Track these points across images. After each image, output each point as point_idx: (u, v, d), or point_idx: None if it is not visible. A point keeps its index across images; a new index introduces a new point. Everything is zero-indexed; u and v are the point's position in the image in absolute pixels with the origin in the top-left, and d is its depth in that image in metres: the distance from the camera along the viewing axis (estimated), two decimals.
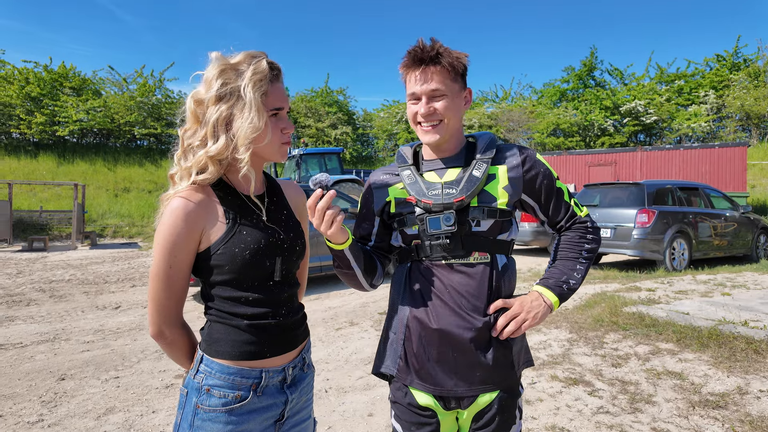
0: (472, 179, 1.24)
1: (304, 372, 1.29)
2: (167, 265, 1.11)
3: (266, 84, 1.12)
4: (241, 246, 1.13)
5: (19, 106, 22.57)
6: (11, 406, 3.10)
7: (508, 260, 1.30)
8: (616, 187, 8.74)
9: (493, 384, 1.25)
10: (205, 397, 1.13)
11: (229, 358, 1.14)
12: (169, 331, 1.16)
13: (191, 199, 1.12)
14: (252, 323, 1.16)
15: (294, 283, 1.28)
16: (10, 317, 5.62)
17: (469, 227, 1.24)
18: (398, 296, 1.33)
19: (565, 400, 3.11)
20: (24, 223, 15.58)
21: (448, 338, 1.23)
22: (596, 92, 27.38)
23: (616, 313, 4.90)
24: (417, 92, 1.24)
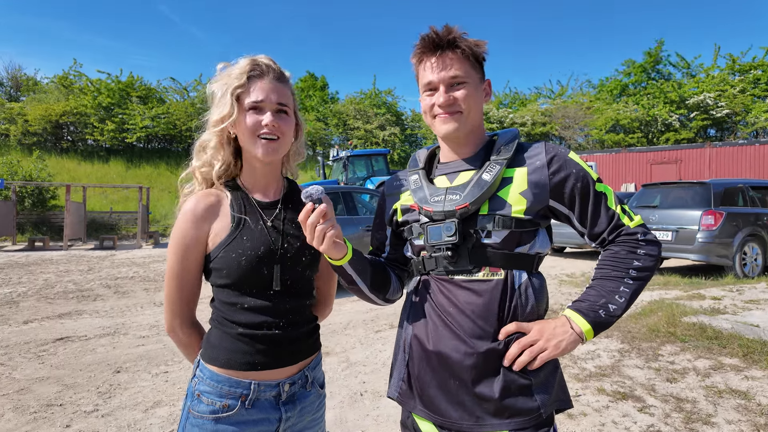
0: (480, 183, 1.08)
1: (307, 390, 1.23)
2: (179, 266, 1.16)
3: (240, 78, 1.14)
4: (238, 251, 1.13)
5: (93, 115, 24.46)
6: (71, 396, 3.34)
7: (532, 277, 1.11)
8: (678, 187, 8.18)
9: (503, 421, 1.05)
10: (195, 402, 1.14)
11: (219, 365, 1.14)
12: (181, 329, 1.21)
13: (200, 202, 1.16)
14: (245, 332, 1.14)
15: (301, 295, 1.22)
16: (79, 311, 6.07)
17: (477, 238, 1.08)
18: (404, 313, 1.23)
19: (611, 416, 2.92)
20: (96, 223, 16.86)
21: (447, 363, 1.09)
22: (660, 85, 25.74)
23: (675, 323, 4.57)
24: (434, 81, 1.10)
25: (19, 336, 4.88)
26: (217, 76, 1.20)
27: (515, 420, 1.05)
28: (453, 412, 1.08)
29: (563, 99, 29.31)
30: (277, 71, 1.18)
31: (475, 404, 1.07)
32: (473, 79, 1.12)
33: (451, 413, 1.09)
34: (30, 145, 23.36)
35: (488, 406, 1.06)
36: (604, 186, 1.11)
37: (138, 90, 26.44)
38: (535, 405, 1.05)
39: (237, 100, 1.15)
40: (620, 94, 28.10)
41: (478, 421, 1.06)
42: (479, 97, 1.14)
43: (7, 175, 15.62)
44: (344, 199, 7.57)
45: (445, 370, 1.10)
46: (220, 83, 1.18)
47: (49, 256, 11.89)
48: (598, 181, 1.11)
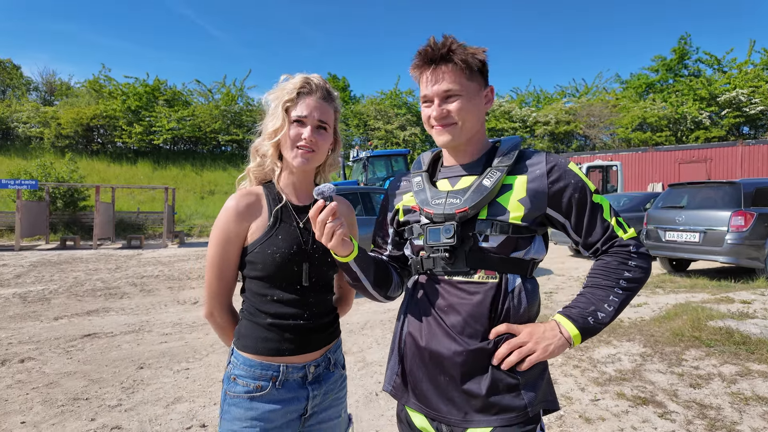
0: (481, 189, 1.12)
1: (330, 371, 1.35)
2: (219, 257, 1.28)
3: (291, 94, 1.27)
4: (273, 248, 1.25)
5: (122, 118, 25.22)
6: (96, 390, 3.46)
7: (525, 282, 1.14)
8: (707, 187, 7.92)
9: (490, 418, 1.08)
10: (232, 385, 1.26)
11: (251, 352, 1.26)
12: (218, 314, 1.34)
13: (242, 201, 1.29)
14: (274, 322, 1.26)
15: (325, 291, 1.34)
16: (106, 308, 6.27)
17: (474, 242, 1.12)
18: (401, 310, 1.27)
19: (630, 422, 2.86)
20: (124, 223, 17.37)
21: (438, 360, 1.13)
22: (689, 82, 24.98)
23: (700, 327, 4.44)
24: (429, 94, 1.14)
25: (50, 332, 5.07)
26: (275, 87, 1.33)
27: (501, 417, 1.08)
28: (443, 407, 1.13)
29: (588, 97, 28.72)
30: (325, 90, 1.31)
31: (463, 400, 1.11)
32: (468, 90, 1.14)
33: (440, 407, 1.13)
34: (62, 148, 24.24)
35: (476, 402, 1.09)
36: (601, 198, 1.15)
37: (164, 93, 27.14)
38: (522, 403, 1.08)
39: (286, 112, 1.28)
40: (646, 92, 27.38)
41: (466, 416, 1.10)
42: (476, 107, 1.16)
43: (41, 177, 16.23)
44: (362, 199, 7.60)
45: (436, 366, 1.14)
46: (275, 95, 1.31)
47: (80, 254, 12.31)
48: (595, 193, 1.14)
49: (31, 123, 25.43)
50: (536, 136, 27.34)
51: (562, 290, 6.89)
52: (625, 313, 5.39)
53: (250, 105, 28.18)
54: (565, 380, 3.52)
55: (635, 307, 5.68)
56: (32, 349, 4.44)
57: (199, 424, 2.90)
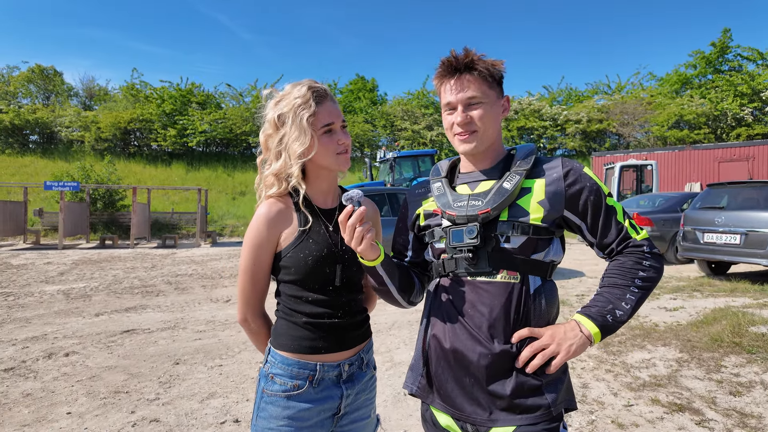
0: (501, 191, 1.16)
1: (362, 371, 1.38)
2: (252, 263, 1.31)
3: (310, 107, 1.27)
4: (305, 252, 1.28)
5: (157, 122, 26.08)
6: (136, 384, 3.60)
7: (545, 283, 1.18)
8: (748, 187, 7.60)
9: (514, 417, 1.11)
10: (269, 383, 1.30)
11: (289, 350, 1.30)
12: (252, 319, 1.37)
13: (273, 208, 1.31)
14: (309, 321, 1.29)
15: (356, 290, 1.37)
16: (143, 305, 6.51)
17: (497, 243, 1.15)
18: (424, 313, 1.30)
19: (666, 428, 2.79)
20: (159, 223, 17.96)
21: (462, 361, 1.16)
22: (729, 77, 23.97)
23: (741, 333, 4.27)
24: (452, 101, 1.19)
25: (92, 327, 5.31)
26: (281, 100, 1.30)
27: (526, 416, 1.11)
28: (467, 406, 1.16)
29: (622, 94, 27.93)
30: (329, 92, 1.33)
31: (488, 400, 1.14)
32: (490, 98, 1.19)
33: (465, 407, 1.16)
34: (101, 151, 25.25)
35: (501, 402, 1.13)
36: (614, 201, 1.19)
37: (197, 96, 27.92)
38: (545, 402, 1.11)
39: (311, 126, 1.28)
40: (683, 88, 26.42)
41: (491, 415, 1.13)
42: (496, 115, 1.22)
43: (81, 179, 16.97)
44: (389, 200, 7.63)
45: (461, 368, 1.17)
46: (286, 110, 1.28)
47: (118, 253, 12.81)
48: (608, 196, 1.19)
49: (73, 127, 26.61)
50: (567, 134, 26.78)
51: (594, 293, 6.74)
52: (661, 316, 5.24)
53: None
54: (597, 384, 3.45)
55: (671, 311, 5.51)
56: (76, 344, 4.66)
57: (232, 419, 2.99)
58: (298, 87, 1.29)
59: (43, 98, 30.98)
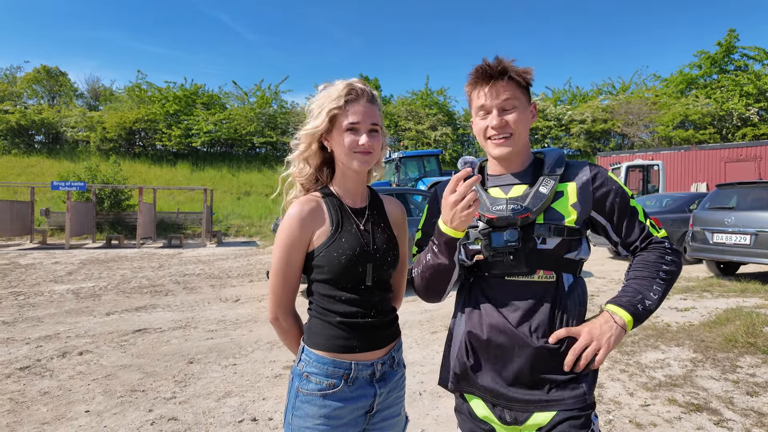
0: (539, 195, 1.21)
1: (393, 369, 1.39)
2: (284, 262, 1.32)
3: (339, 100, 1.29)
4: (339, 251, 1.28)
5: (162, 122, 26.17)
6: (151, 383, 3.62)
7: (576, 280, 1.24)
8: (758, 187, 7.56)
9: (554, 404, 1.18)
10: (304, 382, 1.29)
11: (324, 349, 1.30)
12: (284, 318, 1.37)
13: (305, 207, 1.32)
14: (343, 320, 1.30)
15: (386, 289, 1.39)
16: (153, 305, 6.53)
17: (534, 244, 1.20)
18: (459, 311, 1.33)
19: (684, 428, 2.79)
20: (165, 223, 18.01)
21: (503, 353, 1.21)
22: (735, 77, 23.88)
23: (755, 333, 4.26)
24: (487, 105, 1.22)
25: (103, 326, 5.33)
26: (316, 96, 1.35)
27: (564, 403, 1.17)
28: (508, 393, 1.21)
29: (626, 94, 27.85)
30: (369, 94, 1.33)
31: (527, 390, 1.20)
32: (522, 103, 1.23)
33: (506, 394, 1.21)
34: (107, 151, 25.36)
35: (540, 393, 1.19)
36: (635, 202, 1.27)
37: (202, 97, 27.99)
38: (581, 391, 1.18)
39: (332, 119, 1.31)
40: (688, 88, 26.33)
41: (529, 403, 1.19)
42: (527, 120, 1.26)
43: (88, 179, 17.04)
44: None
45: (499, 359, 1.22)
46: (318, 102, 1.33)
47: (124, 253, 12.85)
48: (632, 198, 1.27)
49: (78, 127, 26.72)
50: (572, 134, 26.72)
51: (603, 293, 6.73)
52: (673, 317, 5.22)
53: (284, 107, 28.73)
54: (612, 384, 3.45)
55: (683, 311, 5.49)
56: (89, 343, 4.68)
57: (250, 418, 3.00)
58: (340, 83, 1.32)
59: (49, 99, 31.12)
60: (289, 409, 1.32)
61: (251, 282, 8.46)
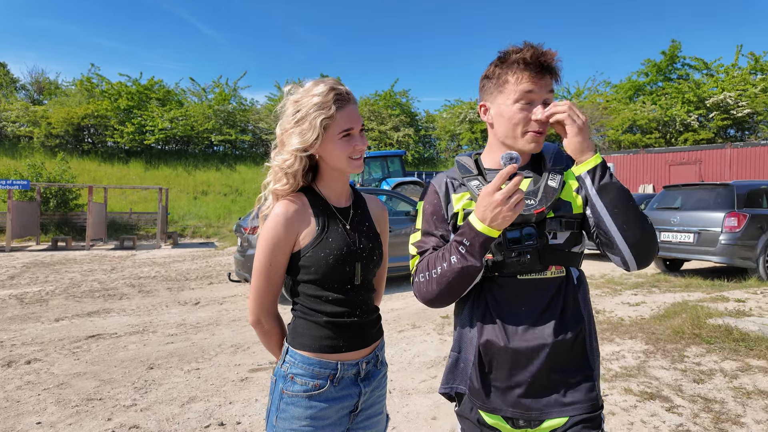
0: (549, 189, 1.17)
1: (377, 368, 1.39)
2: (268, 263, 1.29)
3: (329, 109, 1.24)
4: (326, 251, 1.27)
5: (113, 118, 24.96)
6: (109, 390, 3.46)
7: (580, 273, 1.23)
8: (701, 189, 8.09)
9: (568, 407, 1.15)
10: (289, 383, 1.28)
11: (310, 350, 1.28)
12: (266, 321, 1.34)
13: (290, 207, 1.29)
14: (330, 320, 1.29)
15: (371, 288, 1.39)
16: (107, 309, 6.24)
17: (546, 240, 1.15)
18: (468, 315, 1.23)
19: (639, 416, 2.95)
20: (116, 224, 17.20)
21: (521, 358, 1.15)
22: (677, 85, 25.38)
23: (699, 325, 4.55)
24: (536, 96, 1.15)
25: (53, 333, 5.04)
26: (294, 96, 1.29)
27: (576, 406, 1.15)
28: (523, 402, 1.16)
29: (580, 99, 29.02)
30: (351, 95, 1.30)
31: (544, 398, 1.16)
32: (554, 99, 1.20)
33: (518, 404, 1.17)
34: (53, 147, 23.92)
35: (557, 396, 1.15)
36: None
37: (157, 92, 26.91)
38: (594, 394, 1.16)
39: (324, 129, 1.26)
40: (636, 94, 27.74)
41: (546, 408, 1.15)
42: None
43: (32, 177, 16.02)
44: None
45: (519, 366, 1.16)
46: (303, 111, 1.25)
47: (73, 255, 12.18)
48: None
49: (20, 122, 25.05)
50: None
51: None
52: (626, 311, 5.50)
53: (243, 105, 28.10)
54: None
55: (634, 305, 5.79)
56: (37, 351, 4.42)
57: (217, 423, 2.92)
58: (320, 86, 1.26)
59: None
60: (272, 411, 1.29)
61: (211, 284, 8.23)
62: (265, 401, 3.22)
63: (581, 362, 1.17)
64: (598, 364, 1.21)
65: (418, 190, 14.84)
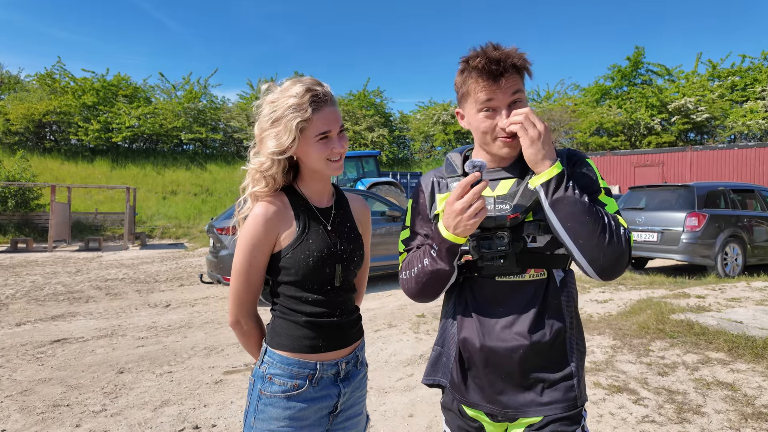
0: (527, 193, 1.13)
1: (357, 368, 1.39)
2: (247, 264, 1.27)
3: (305, 111, 1.21)
4: (306, 253, 1.26)
5: (77, 114, 24.06)
6: (77, 396, 3.35)
7: (567, 274, 1.19)
8: (663, 190, 8.42)
9: (544, 407, 1.15)
10: (267, 384, 1.26)
11: (289, 350, 1.28)
12: (245, 321, 1.33)
13: (270, 208, 1.28)
14: (310, 320, 1.28)
15: (351, 289, 1.38)
16: (72, 313, 6.02)
17: (524, 244, 1.14)
18: (450, 312, 1.26)
19: (608, 408, 3.05)
20: (81, 225, 16.59)
21: (497, 358, 1.16)
22: (641, 90, 26.33)
23: (663, 321, 4.74)
24: (495, 103, 1.12)
25: (14, 338, 4.84)
26: (270, 96, 1.27)
27: (553, 406, 1.15)
28: (500, 399, 1.17)
29: (550, 102, 29.72)
30: (330, 95, 1.27)
31: (521, 393, 1.16)
32: (524, 96, 1.15)
33: (496, 401, 1.18)
34: (12, 145, 22.89)
35: (533, 395, 1.16)
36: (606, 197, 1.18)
37: (125, 89, 26.09)
38: (573, 394, 1.16)
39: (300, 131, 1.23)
40: (603, 98, 28.61)
41: (522, 407, 1.16)
42: None
43: None
44: None
45: (495, 365, 1.17)
46: (278, 112, 1.23)
47: (34, 257, 11.70)
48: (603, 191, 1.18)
49: None
50: None
51: None
52: (594, 308, 5.68)
53: (214, 103, 27.55)
54: None
55: (602, 302, 5.99)
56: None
57: (191, 426, 2.87)
58: (296, 86, 1.23)
59: None
60: (250, 412, 1.28)
61: (182, 286, 8.05)
62: (240, 403, 3.18)
63: (561, 363, 1.16)
64: (581, 364, 1.19)
65: (394, 190, 14.89)
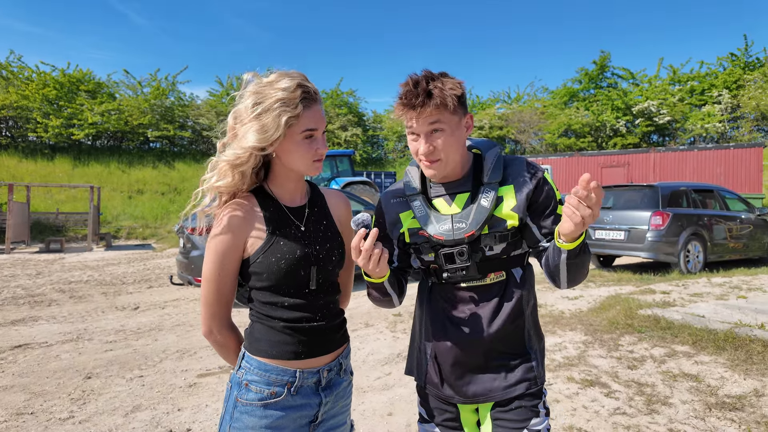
0: (481, 210, 1.24)
1: (340, 377, 1.32)
2: (217, 272, 1.21)
3: (295, 107, 1.16)
4: (277, 256, 1.20)
5: (36, 110, 23.01)
6: (42, 404, 3.20)
7: (525, 270, 1.33)
8: (629, 190, 8.71)
9: (509, 389, 1.28)
10: (244, 391, 1.20)
11: (266, 356, 1.21)
12: (218, 331, 1.26)
13: (236, 211, 1.21)
14: (288, 326, 1.22)
15: (333, 291, 1.32)
16: (34, 317, 5.76)
17: (483, 253, 1.27)
18: (421, 312, 1.40)
19: (581, 401, 3.14)
20: (41, 225, 15.91)
21: (465, 354, 1.29)
22: (607, 93, 27.19)
23: (632, 316, 4.91)
24: (415, 130, 1.22)
25: None
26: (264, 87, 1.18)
27: (517, 386, 1.28)
28: (469, 391, 1.31)
29: (520, 104, 30.30)
30: (318, 95, 1.23)
31: (489, 381, 1.30)
32: (451, 124, 1.21)
33: (467, 392, 1.31)
34: None
35: (499, 381, 1.29)
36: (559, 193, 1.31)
37: (87, 84, 25.11)
38: (532, 375, 1.30)
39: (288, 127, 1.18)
40: (571, 100, 29.38)
41: (490, 392, 1.29)
42: (458, 138, 1.24)
43: None
44: None
45: (462, 361, 1.30)
46: (269, 101, 1.16)
47: None
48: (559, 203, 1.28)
49: None
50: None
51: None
52: (566, 305, 5.82)
53: (182, 100, 26.85)
54: None
55: (573, 299, 6.15)
56: None
57: (165, 431, 2.79)
58: (286, 79, 1.17)
59: None
60: (226, 420, 1.21)
61: (151, 288, 7.82)
62: (215, 406, 3.12)
63: (521, 349, 1.30)
64: (540, 348, 1.34)
65: (368, 189, 14.87)
